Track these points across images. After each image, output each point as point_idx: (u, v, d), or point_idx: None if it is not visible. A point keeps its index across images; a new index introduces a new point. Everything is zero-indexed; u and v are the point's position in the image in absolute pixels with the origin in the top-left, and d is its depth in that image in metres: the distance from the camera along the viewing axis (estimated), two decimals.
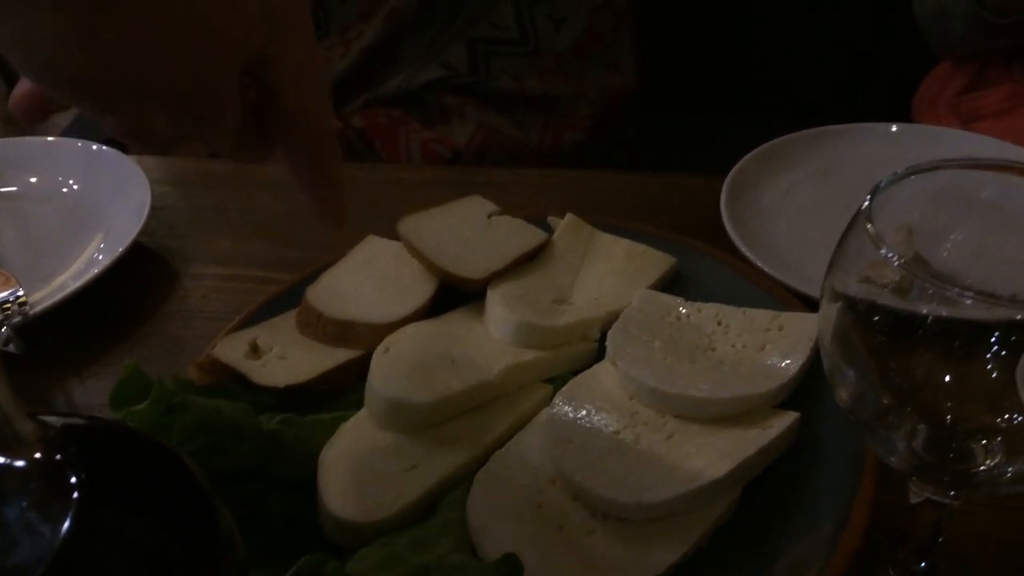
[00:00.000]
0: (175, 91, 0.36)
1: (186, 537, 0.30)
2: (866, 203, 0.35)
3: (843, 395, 0.37)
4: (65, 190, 0.77)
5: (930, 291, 0.33)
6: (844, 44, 1.38)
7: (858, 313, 0.36)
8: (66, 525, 0.26)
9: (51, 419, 0.29)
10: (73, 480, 0.27)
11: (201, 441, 0.43)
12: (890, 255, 0.32)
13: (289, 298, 0.59)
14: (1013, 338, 0.34)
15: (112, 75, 0.34)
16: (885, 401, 0.36)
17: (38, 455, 0.27)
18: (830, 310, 0.37)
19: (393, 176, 0.84)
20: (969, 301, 0.31)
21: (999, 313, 0.32)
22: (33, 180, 0.78)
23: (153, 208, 0.73)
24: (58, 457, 0.28)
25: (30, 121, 0.42)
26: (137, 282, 0.70)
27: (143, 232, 0.72)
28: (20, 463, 0.27)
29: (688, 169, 0.78)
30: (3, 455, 0.26)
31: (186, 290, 0.70)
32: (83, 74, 0.33)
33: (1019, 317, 0.32)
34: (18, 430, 0.26)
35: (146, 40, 0.33)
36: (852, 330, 0.36)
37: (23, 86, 0.40)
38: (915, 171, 0.36)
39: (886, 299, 0.36)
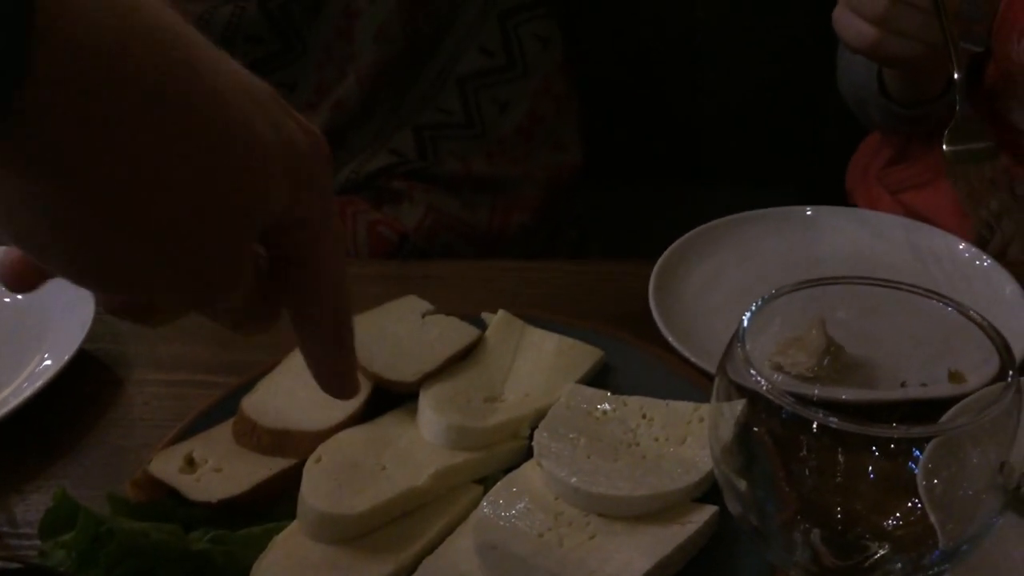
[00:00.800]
0: (186, 270, 0.31)
1: None
2: (744, 322, 0.37)
3: (736, 507, 0.38)
4: (8, 299, 0.78)
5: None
6: (785, 115, 1.43)
7: (762, 408, 0.38)
8: None
9: None
10: None
11: (129, 566, 0.44)
12: (759, 380, 0.34)
13: (226, 406, 0.60)
14: (892, 447, 0.36)
15: (121, 258, 0.30)
16: (779, 507, 0.38)
17: None
18: (729, 408, 0.39)
19: None
20: (833, 422, 0.33)
21: (875, 431, 0.34)
22: None
23: (96, 313, 0.74)
24: None
25: (20, 290, 0.37)
26: (80, 390, 0.71)
27: (87, 339, 0.72)
28: None
29: (638, 241, 0.80)
30: None
31: (129, 396, 0.71)
32: (82, 258, 0.30)
33: (894, 436, 0.34)
34: None
35: (164, 219, 0.29)
36: (753, 423, 0.38)
37: (13, 252, 0.35)
38: (782, 293, 0.38)
39: (782, 399, 0.37)
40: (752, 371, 0.34)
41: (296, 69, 1.02)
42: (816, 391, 0.48)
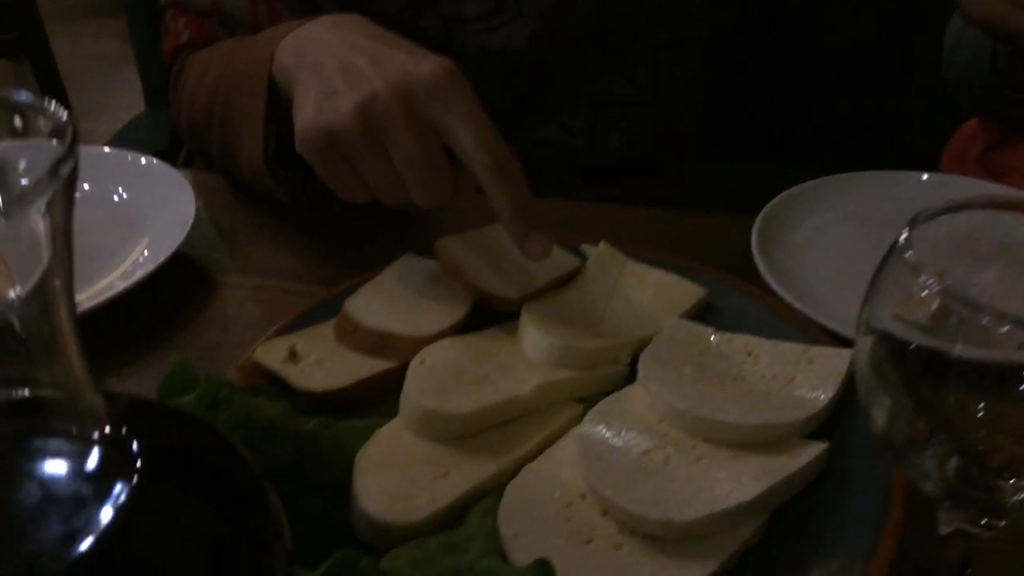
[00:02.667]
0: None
1: (239, 522, 0.31)
2: (904, 235, 0.36)
3: (877, 423, 0.37)
4: (116, 198, 0.79)
5: (962, 326, 0.34)
6: (875, 97, 1.40)
7: (892, 346, 0.37)
8: (125, 497, 0.27)
9: (118, 397, 0.31)
10: (135, 456, 0.28)
11: (242, 436, 0.44)
12: (929, 281, 0.33)
13: (328, 309, 0.60)
14: None
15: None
16: (918, 429, 0.36)
17: (106, 428, 0.28)
18: (865, 342, 0.38)
19: None
20: (1006, 328, 0.31)
21: None
22: (86, 187, 0.81)
23: (196, 218, 0.75)
24: (123, 432, 0.29)
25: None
26: (176, 290, 0.72)
27: (186, 243, 0.74)
28: (86, 434, 0.28)
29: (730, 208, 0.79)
30: (71, 425, 0.28)
31: (224, 299, 0.71)
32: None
33: None
34: (88, 402, 0.28)
35: None
36: (886, 362, 0.37)
37: None
38: (952, 207, 0.37)
39: (916, 336, 0.37)
40: (922, 277, 0.33)
41: None
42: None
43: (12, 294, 0.23)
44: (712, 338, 0.57)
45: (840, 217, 0.73)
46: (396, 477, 0.47)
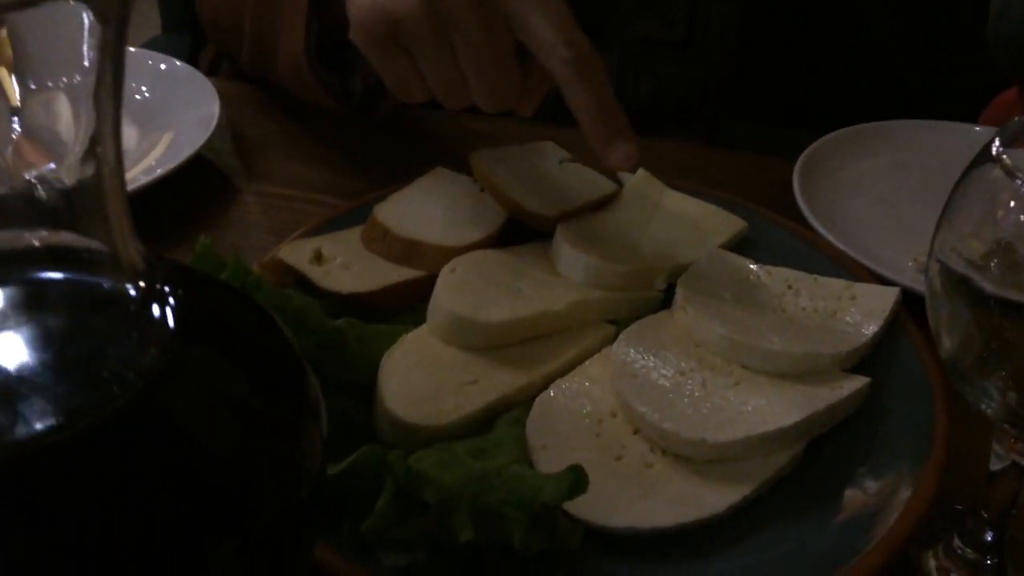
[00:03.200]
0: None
1: (277, 395, 0.29)
2: (996, 140, 0.33)
3: (945, 345, 0.36)
4: (138, 97, 0.77)
5: None
6: (914, 65, 1.36)
7: (960, 276, 0.35)
8: (158, 354, 0.26)
9: (163, 259, 0.29)
10: (172, 313, 0.27)
11: None
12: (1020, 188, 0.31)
13: (355, 216, 0.58)
14: None
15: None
16: (987, 350, 0.35)
17: (142, 283, 0.26)
18: (935, 267, 0.36)
19: (461, 126, 0.83)
20: None
21: None
22: None
23: (219, 127, 0.72)
24: (162, 289, 0.27)
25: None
26: (198, 193, 0.70)
27: (208, 147, 0.71)
28: (123, 287, 0.26)
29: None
30: (109, 277, 0.26)
31: (247, 204, 0.69)
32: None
33: None
34: (128, 255, 0.26)
35: None
36: (955, 289, 0.36)
37: None
38: None
39: (974, 272, 0.35)
40: (1019, 179, 0.31)
41: None
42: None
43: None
44: (752, 267, 0.55)
45: (886, 163, 0.71)
46: (423, 381, 0.45)
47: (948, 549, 0.42)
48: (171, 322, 0.26)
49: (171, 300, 0.27)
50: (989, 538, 0.40)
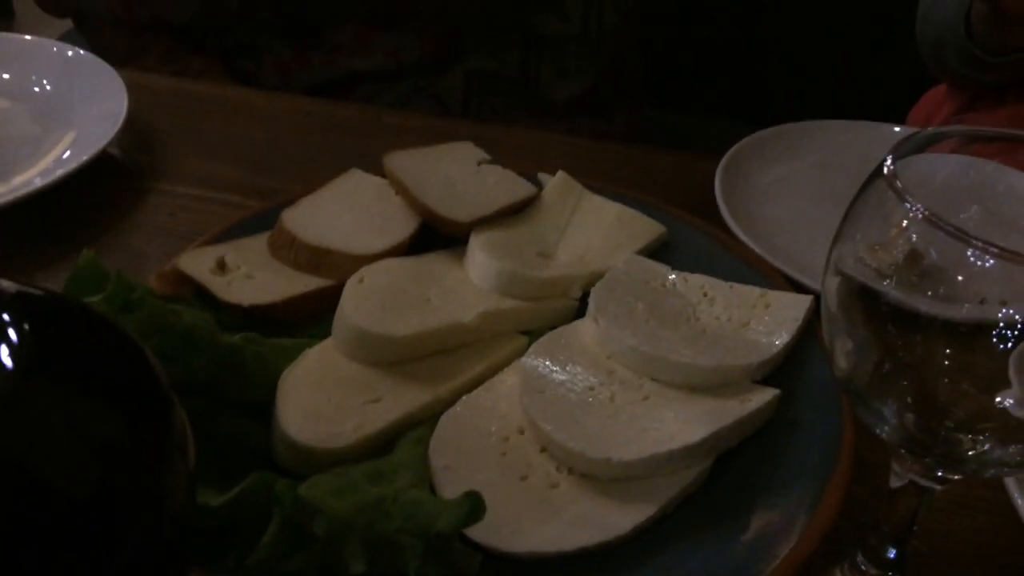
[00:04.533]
0: None
1: (133, 429, 0.27)
2: (888, 160, 0.33)
3: (840, 364, 0.35)
4: (37, 89, 0.73)
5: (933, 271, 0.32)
6: (843, 59, 1.38)
7: (861, 288, 0.35)
8: None
9: (7, 282, 0.27)
10: (10, 346, 0.25)
11: (156, 344, 0.40)
12: (915, 208, 0.30)
13: (262, 220, 0.56)
14: (1009, 333, 0.33)
15: None
16: (882, 373, 0.34)
17: None
18: (832, 281, 0.36)
19: (380, 121, 0.81)
20: (989, 263, 0.29)
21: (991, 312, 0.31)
22: (5, 76, 0.74)
23: (127, 122, 0.69)
24: (4, 317, 0.25)
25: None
26: (102, 193, 0.67)
27: (114, 144, 0.68)
28: None
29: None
30: None
31: (153, 206, 0.67)
32: None
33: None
34: None
35: None
36: (854, 303, 0.35)
37: None
38: (934, 136, 0.34)
39: (886, 282, 0.35)
40: (907, 201, 0.30)
41: None
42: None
43: None
44: (669, 276, 0.54)
45: (806, 165, 0.71)
46: (322, 400, 0.43)
47: (853, 565, 0.42)
48: (6, 356, 0.24)
49: (10, 332, 0.25)
50: (891, 555, 0.40)
